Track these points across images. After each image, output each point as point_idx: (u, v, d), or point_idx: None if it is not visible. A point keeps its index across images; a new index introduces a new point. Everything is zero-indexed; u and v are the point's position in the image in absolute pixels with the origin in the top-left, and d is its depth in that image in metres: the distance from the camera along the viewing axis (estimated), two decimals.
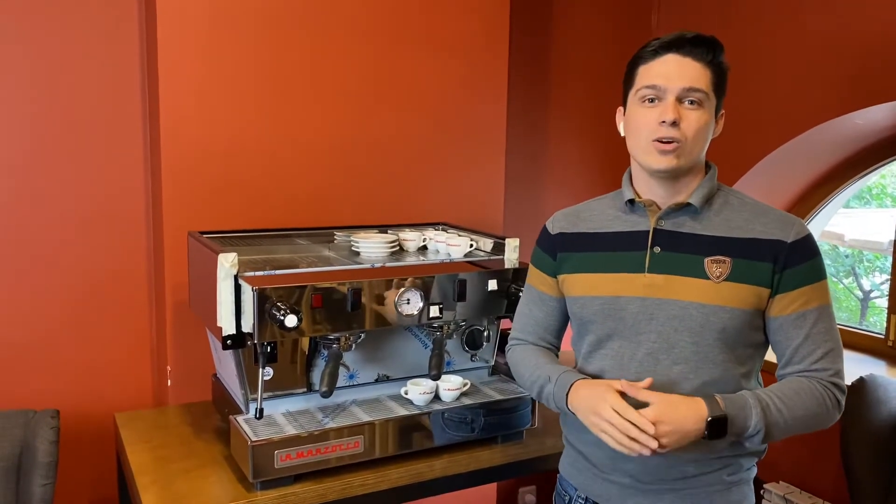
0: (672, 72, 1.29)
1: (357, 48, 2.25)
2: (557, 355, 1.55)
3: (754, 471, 1.42)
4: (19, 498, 1.86)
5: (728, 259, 1.31)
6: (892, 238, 2.47)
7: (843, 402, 1.33)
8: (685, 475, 1.34)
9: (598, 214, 1.46)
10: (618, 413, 1.25)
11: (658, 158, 1.31)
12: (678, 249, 1.34)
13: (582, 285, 1.42)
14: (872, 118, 2.35)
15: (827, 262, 3.30)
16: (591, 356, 1.42)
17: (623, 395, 1.28)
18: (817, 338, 1.30)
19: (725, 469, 1.35)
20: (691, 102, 1.29)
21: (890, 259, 2.49)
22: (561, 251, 1.47)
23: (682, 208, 1.36)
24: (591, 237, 1.44)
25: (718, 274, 1.30)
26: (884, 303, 2.56)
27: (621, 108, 1.41)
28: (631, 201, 1.40)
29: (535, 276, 1.54)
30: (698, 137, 1.30)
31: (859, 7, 2.26)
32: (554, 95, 2.86)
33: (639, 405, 1.26)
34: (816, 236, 2.88)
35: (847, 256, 3.36)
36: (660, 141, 1.29)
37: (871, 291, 3.29)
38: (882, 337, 2.52)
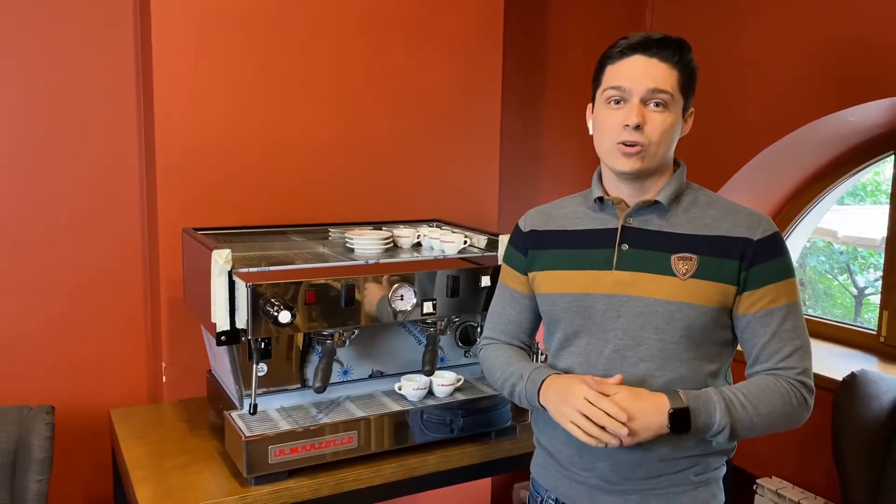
0: (637, 73, 1.30)
1: (351, 45, 2.25)
2: (530, 355, 1.55)
3: (723, 470, 1.41)
4: (14, 493, 1.86)
5: (695, 256, 1.31)
6: (885, 234, 2.48)
7: (811, 402, 1.32)
8: (652, 474, 1.34)
9: (569, 212, 1.47)
10: (589, 402, 1.25)
11: (622, 161, 1.32)
12: (645, 247, 1.35)
13: (552, 282, 1.43)
14: (864, 115, 2.36)
15: (821, 258, 3.33)
16: (560, 353, 1.43)
17: None
18: (784, 336, 1.30)
19: (693, 468, 1.35)
20: (657, 104, 1.30)
21: (883, 256, 2.50)
22: (532, 249, 1.48)
23: (650, 206, 1.36)
24: (561, 235, 1.44)
25: (685, 271, 1.31)
26: (878, 299, 2.57)
27: (590, 105, 1.42)
28: (600, 199, 1.41)
29: (507, 275, 1.54)
30: (663, 140, 1.31)
31: (853, 5, 2.27)
32: (549, 91, 2.87)
33: None
34: (810, 233, 2.91)
35: (842, 253, 3.36)
36: (623, 144, 1.30)
37: (865, 288, 3.30)
38: (874, 333, 2.53)
